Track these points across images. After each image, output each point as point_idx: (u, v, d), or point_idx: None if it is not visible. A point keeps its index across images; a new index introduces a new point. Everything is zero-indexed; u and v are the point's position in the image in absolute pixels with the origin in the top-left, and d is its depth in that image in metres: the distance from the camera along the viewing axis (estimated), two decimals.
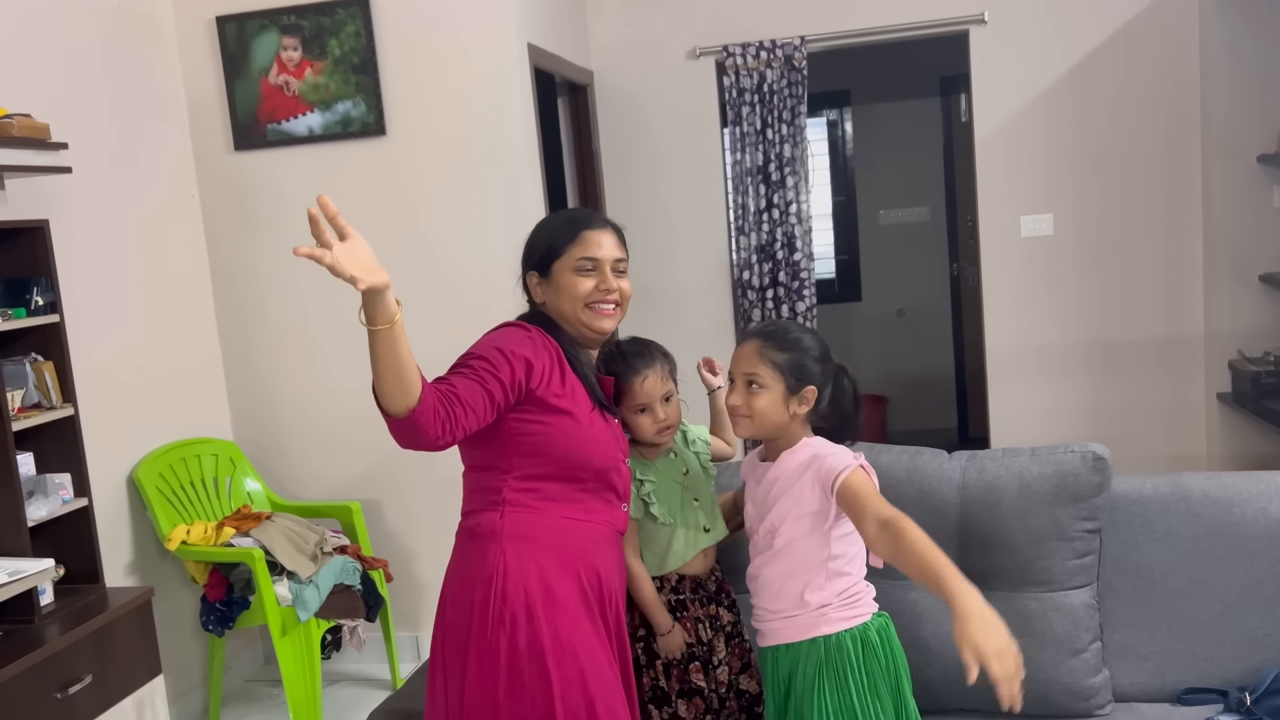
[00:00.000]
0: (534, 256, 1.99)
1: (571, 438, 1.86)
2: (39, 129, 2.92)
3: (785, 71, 4.57)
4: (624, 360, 2.07)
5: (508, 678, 1.78)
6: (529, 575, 1.81)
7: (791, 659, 1.96)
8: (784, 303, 4.71)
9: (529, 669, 1.78)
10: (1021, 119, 4.50)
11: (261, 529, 3.39)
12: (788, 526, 1.95)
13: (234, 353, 3.95)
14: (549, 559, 1.83)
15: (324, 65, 3.69)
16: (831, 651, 1.91)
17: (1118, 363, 4.56)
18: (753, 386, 1.97)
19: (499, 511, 1.85)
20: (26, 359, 2.84)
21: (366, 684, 3.83)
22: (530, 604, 1.80)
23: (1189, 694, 2.21)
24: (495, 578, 1.81)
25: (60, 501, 2.85)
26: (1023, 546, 2.20)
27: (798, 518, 1.94)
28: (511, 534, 1.83)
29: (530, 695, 1.78)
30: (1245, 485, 2.26)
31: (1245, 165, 4.20)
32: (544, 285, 1.97)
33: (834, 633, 1.92)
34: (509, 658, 1.78)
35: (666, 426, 2.06)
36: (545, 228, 2.03)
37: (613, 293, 1.94)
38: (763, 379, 1.96)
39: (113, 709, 2.73)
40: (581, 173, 4.77)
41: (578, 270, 1.93)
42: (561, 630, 1.80)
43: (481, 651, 1.80)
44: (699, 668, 2.07)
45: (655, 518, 2.06)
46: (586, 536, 1.89)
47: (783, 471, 1.98)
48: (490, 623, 1.79)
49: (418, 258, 3.76)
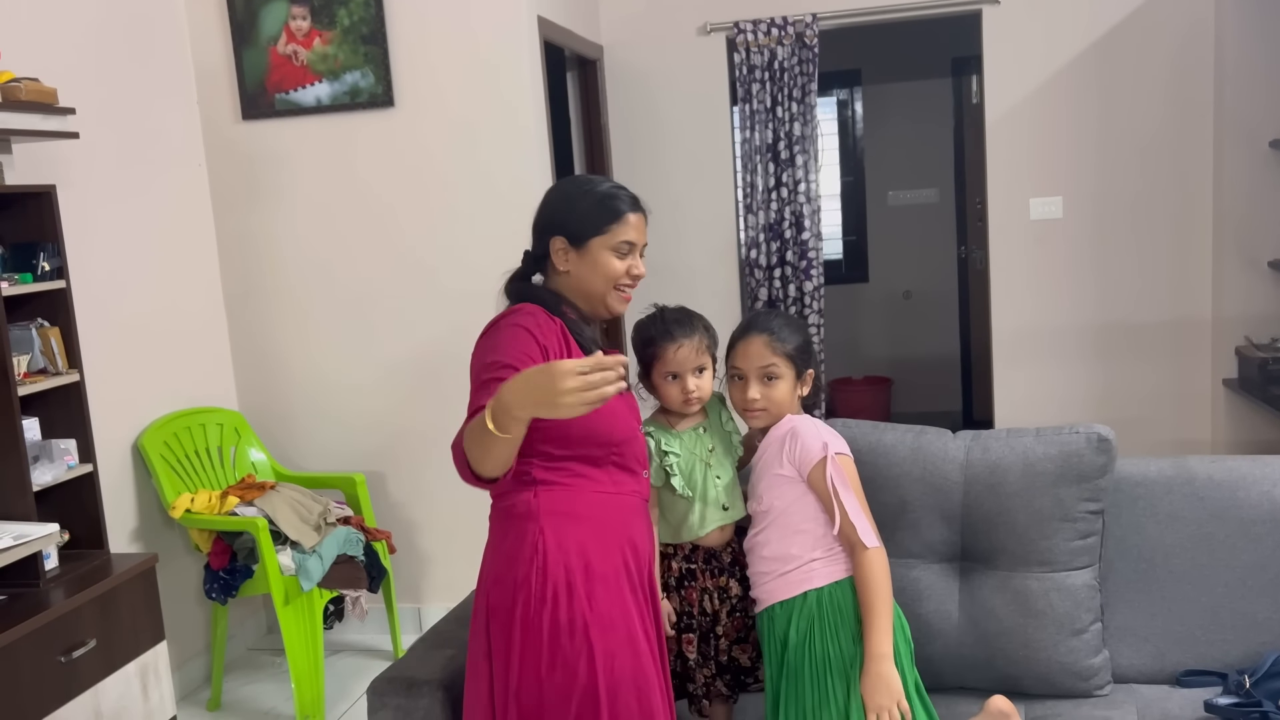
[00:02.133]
0: (568, 224, 1.93)
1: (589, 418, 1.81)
2: (47, 93, 2.91)
3: (796, 49, 4.54)
4: (663, 325, 2.08)
5: (550, 652, 1.79)
6: (569, 551, 1.81)
7: (785, 616, 2.01)
8: (791, 282, 4.70)
9: (570, 643, 1.79)
10: (1033, 101, 4.47)
11: (265, 498, 3.40)
12: (770, 494, 2.05)
13: (240, 323, 3.95)
14: (587, 533, 1.84)
15: (333, 35, 3.67)
16: (823, 604, 1.98)
17: (1124, 347, 4.54)
18: (769, 379, 2.06)
19: (532, 491, 1.85)
20: (33, 324, 2.84)
21: (368, 654, 3.85)
22: (571, 579, 1.80)
23: (1188, 676, 2.21)
24: (536, 556, 1.81)
25: (65, 467, 2.86)
26: (1025, 526, 2.20)
27: (779, 484, 2.04)
28: (548, 511, 1.84)
29: (573, 669, 1.79)
30: (1250, 469, 2.26)
31: (1258, 151, 4.17)
32: (572, 255, 1.92)
33: (823, 585, 1.99)
34: (551, 633, 1.79)
35: (695, 398, 2.07)
36: (582, 196, 1.95)
37: (640, 277, 1.96)
38: (778, 369, 2.06)
39: (117, 673, 2.74)
40: (590, 148, 4.76)
41: (616, 251, 1.92)
42: (602, 603, 1.81)
43: (526, 628, 1.80)
44: (691, 639, 2.09)
45: (674, 489, 2.07)
46: (620, 509, 1.89)
47: (768, 445, 2.08)
48: (534, 600, 1.80)
49: (425, 230, 3.76)
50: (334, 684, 3.59)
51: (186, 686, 3.60)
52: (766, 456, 2.08)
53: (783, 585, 2.01)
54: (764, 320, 2.11)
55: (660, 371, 2.07)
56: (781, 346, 2.06)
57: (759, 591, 2.07)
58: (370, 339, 3.87)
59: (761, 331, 2.07)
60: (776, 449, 2.06)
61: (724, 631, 2.11)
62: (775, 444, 2.06)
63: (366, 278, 3.83)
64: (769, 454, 2.07)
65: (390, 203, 3.78)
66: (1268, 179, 4.19)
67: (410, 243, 3.79)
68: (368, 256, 3.82)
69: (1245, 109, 4.18)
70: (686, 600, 2.10)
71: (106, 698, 2.71)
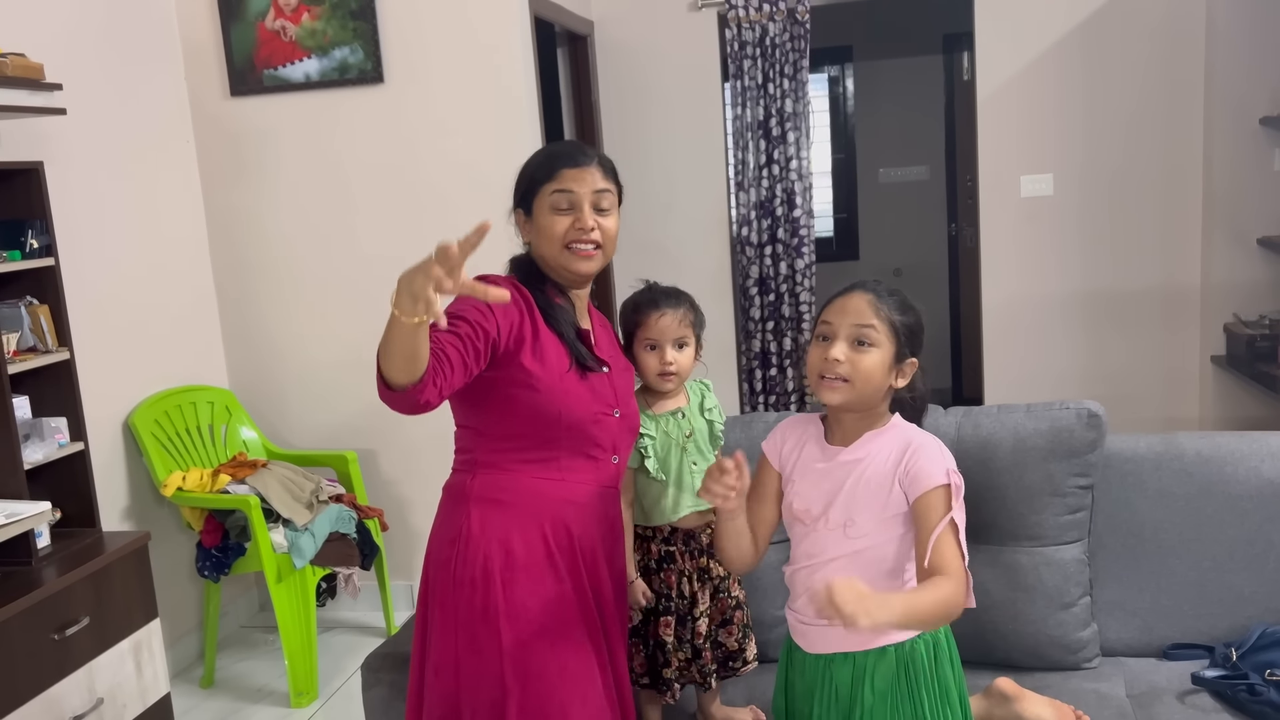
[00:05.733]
0: (518, 192, 1.92)
1: (538, 396, 1.81)
2: (33, 69, 2.88)
3: (788, 25, 4.52)
4: (649, 294, 2.06)
5: (465, 637, 1.81)
6: (490, 539, 1.81)
7: (854, 669, 1.72)
8: (782, 259, 4.70)
9: (482, 630, 1.80)
10: (1024, 78, 4.47)
11: (257, 476, 3.40)
12: (872, 523, 1.68)
13: (230, 300, 3.93)
14: (514, 521, 1.83)
15: (321, 10, 3.64)
16: (905, 661, 1.70)
17: (1114, 325, 4.56)
18: (862, 344, 1.68)
19: (471, 473, 1.86)
20: (21, 302, 2.83)
21: (361, 631, 3.86)
22: (489, 567, 1.80)
23: (1175, 649, 2.23)
24: (459, 540, 1.83)
25: (56, 445, 2.86)
26: (1016, 501, 2.21)
27: (889, 516, 1.68)
28: (479, 497, 1.84)
29: (484, 655, 1.80)
30: (1238, 445, 2.27)
31: (1248, 127, 4.17)
32: (528, 225, 1.90)
33: (906, 640, 1.70)
34: (466, 618, 1.81)
35: (672, 372, 2.06)
36: (529, 163, 1.93)
37: (591, 231, 1.83)
38: (876, 336, 1.68)
39: (110, 651, 2.75)
40: (580, 124, 4.74)
41: (554, 208, 1.84)
42: (519, 593, 1.81)
43: (444, 609, 1.83)
44: (669, 622, 2.07)
45: (648, 471, 2.06)
46: (559, 497, 1.86)
47: (871, 454, 1.70)
48: (452, 583, 1.82)
49: (414, 206, 3.74)
50: (327, 661, 3.60)
51: (179, 664, 3.60)
52: (871, 471, 1.69)
53: (852, 636, 1.64)
54: (872, 284, 1.74)
55: (642, 339, 2.05)
56: (886, 313, 1.69)
57: (813, 632, 1.75)
58: (361, 316, 3.85)
59: (868, 291, 1.71)
60: (888, 465, 1.68)
61: (706, 613, 2.11)
62: (884, 456, 1.69)
63: (357, 254, 3.81)
64: (874, 467, 1.69)
65: (380, 179, 3.77)
66: (1257, 156, 4.20)
67: (400, 219, 3.77)
68: (358, 233, 3.80)
69: (1235, 86, 4.19)
70: (665, 583, 2.09)
71: (100, 675, 2.71)
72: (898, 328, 1.69)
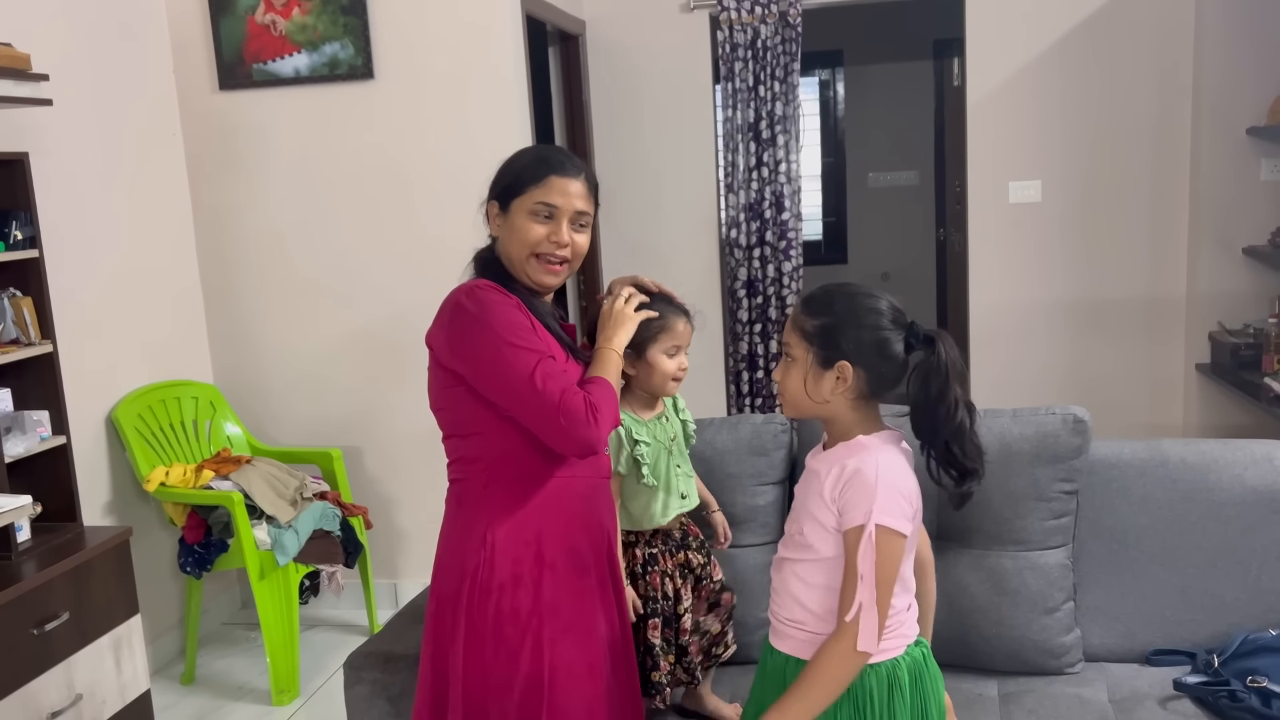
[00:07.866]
0: (497, 187, 1.90)
1: None
2: (19, 59, 2.86)
3: (780, 28, 4.53)
4: (670, 303, 2.03)
5: (494, 640, 1.80)
6: (516, 541, 1.81)
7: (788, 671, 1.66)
8: (770, 262, 4.70)
9: (514, 631, 1.79)
10: (1014, 84, 4.48)
11: (241, 473, 3.38)
12: (815, 536, 1.63)
13: (215, 295, 3.91)
14: (536, 521, 1.82)
15: (312, 5, 3.63)
16: (853, 688, 1.59)
17: (1100, 331, 4.58)
18: (786, 359, 1.67)
19: (483, 479, 1.84)
20: (5, 294, 2.80)
21: (344, 629, 3.84)
22: (518, 570, 1.80)
23: (1158, 655, 2.24)
24: (483, 548, 1.81)
25: (38, 439, 2.83)
26: (1000, 505, 2.22)
27: (828, 533, 1.61)
28: (498, 499, 1.82)
29: (516, 656, 1.79)
30: (1222, 452, 2.28)
31: (1235, 137, 4.19)
32: (500, 220, 1.88)
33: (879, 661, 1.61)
34: (496, 621, 1.79)
35: (681, 378, 2.06)
36: (516, 159, 1.91)
37: (564, 247, 1.83)
38: (791, 349, 1.65)
39: (90, 646, 2.73)
40: (570, 124, 4.73)
41: (533, 214, 1.82)
42: (548, 593, 1.81)
43: (471, 616, 1.81)
44: (656, 625, 2.07)
45: (643, 478, 2.05)
46: (574, 492, 1.87)
47: (826, 470, 1.63)
48: (479, 590, 1.80)
49: (403, 204, 3.73)
50: (309, 659, 3.58)
51: (160, 660, 3.58)
52: (818, 487, 1.63)
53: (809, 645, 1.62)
54: (812, 290, 1.69)
55: (666, 343, 2.01)
56: (800, 322, 1.64)
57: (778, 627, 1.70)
58: (348, 314, 3.84)
59: (800, 301, 1.67)
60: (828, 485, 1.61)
61: (689, 609, 2.10)
62: (834, 476, 1.61)
63: (344, 251, 3.80)
64: (822, 484, 1.62)
65: (368, 176, 3.75)
66: (1244, 165, 4.22)
67: (388, 217, 3.76)
68: (345, 230, 3.79)
69: (1223, 94, 4.21)
70: (651, 585, 2.08)
71: (80, 671, 2.69)
72: (810, 333, 1.62)
